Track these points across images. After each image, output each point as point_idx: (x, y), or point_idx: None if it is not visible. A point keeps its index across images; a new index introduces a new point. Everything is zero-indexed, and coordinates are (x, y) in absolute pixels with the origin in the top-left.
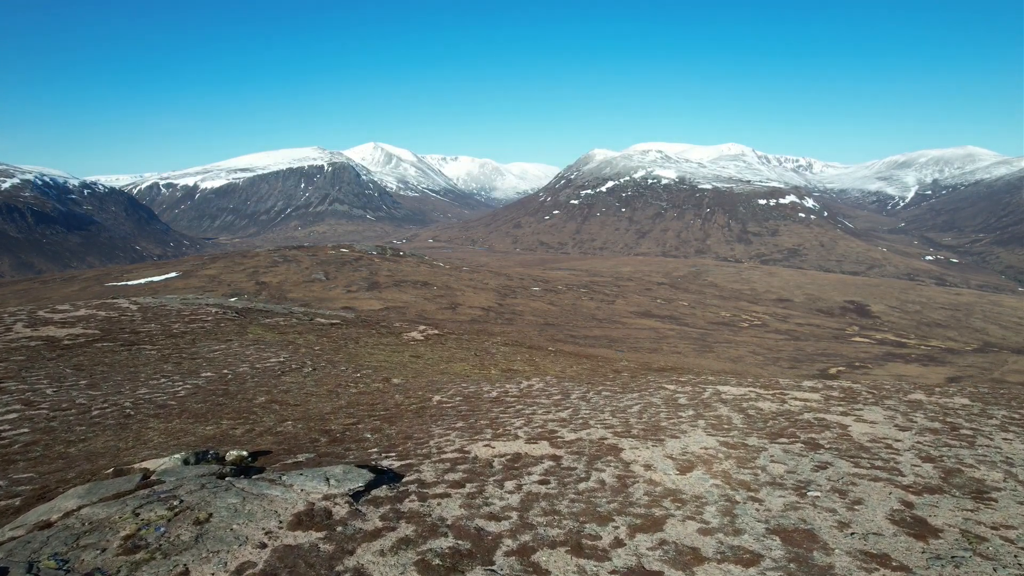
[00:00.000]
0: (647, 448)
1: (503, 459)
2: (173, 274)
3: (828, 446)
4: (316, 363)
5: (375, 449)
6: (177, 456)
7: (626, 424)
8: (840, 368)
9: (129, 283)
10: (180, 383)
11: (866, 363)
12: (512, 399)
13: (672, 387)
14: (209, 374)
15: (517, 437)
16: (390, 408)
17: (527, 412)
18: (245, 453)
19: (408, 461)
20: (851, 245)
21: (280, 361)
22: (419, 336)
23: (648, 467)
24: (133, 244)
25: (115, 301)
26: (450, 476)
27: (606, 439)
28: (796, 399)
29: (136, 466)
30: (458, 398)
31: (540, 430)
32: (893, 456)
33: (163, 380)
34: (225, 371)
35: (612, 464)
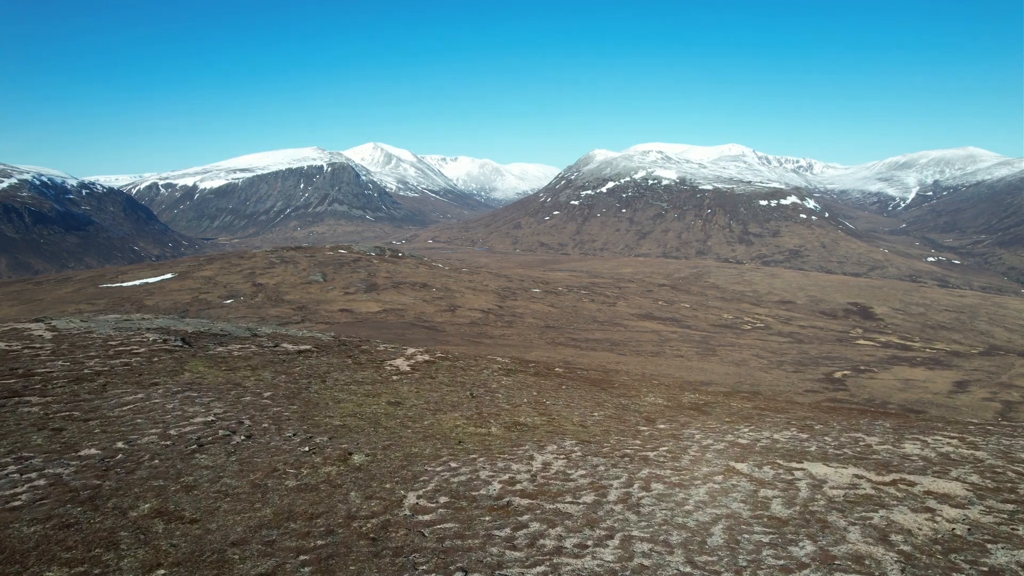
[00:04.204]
0: None
1: None
2: (169, 275)
3: None
4: (255, 424)
5: None
6: None
7: None
8: (845, 372)
9: (124, 284)
10: (34, 474)
11: (871, 366)
12: (522, 502)
13: (744, 468)
14: (92, 452)
15: None
16: (335, 528)
17: (548, 544)
18: None
19: None
20: (853, 246)
21: (206, 422)
22: (405, 366)
23: None
24: (132, 244)
25: (28, 327)
26: None
27: None
28: (935, 495)
29: None
30: (442, 499)
31: None
32: None
33: (10, 468)
34: (119, 445)
35: None
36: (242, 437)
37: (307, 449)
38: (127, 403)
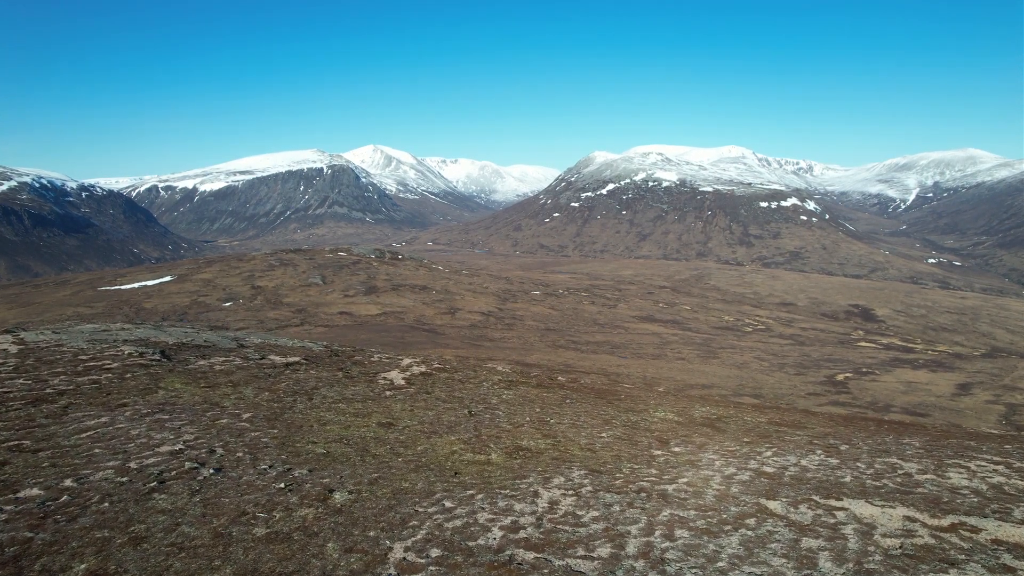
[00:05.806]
0: None
1: None
2: (167, 278)
3: None
4: (228, 454)
5: None
6: None
7: None
8: (847, 374)
9: (123, 287)
10: None
11: (873, 369)
12: (527, 556)
13: (777, 507)
14: (33, 492)
15: None
16: None
17: None
18: None
19: None
20: (853, 248)
21: (173, 451)
22: (400, 379)
23: None
24: (131, 247)
25: None
26: None
27: None
28: (1007, 546)
29: None
30: (434, 551)
31: None
32: None
33: None
34: (67, 483)
35: None
36: (210, 471)
37: (283, 485)
38: (87, 429)
